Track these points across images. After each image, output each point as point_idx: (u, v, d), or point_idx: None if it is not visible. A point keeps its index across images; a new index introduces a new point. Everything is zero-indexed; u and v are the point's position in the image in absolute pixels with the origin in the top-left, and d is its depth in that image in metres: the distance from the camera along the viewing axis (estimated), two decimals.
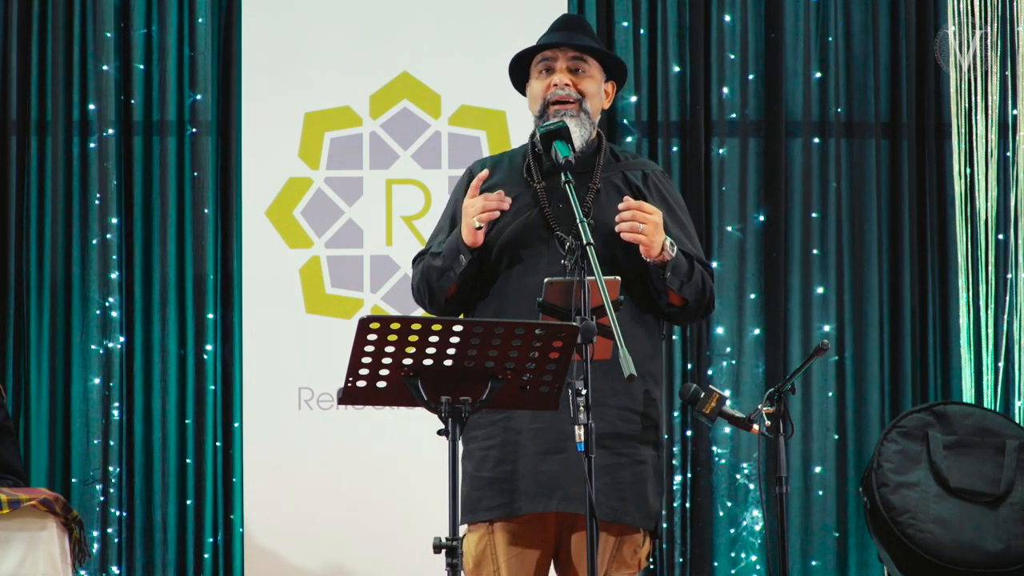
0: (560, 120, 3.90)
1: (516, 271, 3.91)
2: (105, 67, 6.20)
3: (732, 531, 6.25)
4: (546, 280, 3.65)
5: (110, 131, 6.19)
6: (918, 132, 6.35)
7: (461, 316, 4.04)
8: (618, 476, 3.85)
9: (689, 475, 6.23)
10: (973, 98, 6.24)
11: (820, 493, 6.26)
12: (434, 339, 3.34)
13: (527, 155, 4.04)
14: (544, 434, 3.84)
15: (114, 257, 6.17)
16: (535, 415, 3.82)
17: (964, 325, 6.20)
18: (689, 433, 6.25)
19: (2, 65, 6.20)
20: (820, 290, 6.32)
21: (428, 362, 3.36)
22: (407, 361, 3.36)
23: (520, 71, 4.09)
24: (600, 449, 3.57)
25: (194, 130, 6.23)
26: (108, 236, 6.17)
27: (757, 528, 6.23)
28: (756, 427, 4.02)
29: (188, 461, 6.14)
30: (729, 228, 6.33)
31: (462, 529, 3.56)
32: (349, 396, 3.43)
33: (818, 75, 6.38)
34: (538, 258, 3.91)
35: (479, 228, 3.84)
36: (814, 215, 6.35)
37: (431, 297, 3.99)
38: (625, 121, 6.32)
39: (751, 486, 6.22)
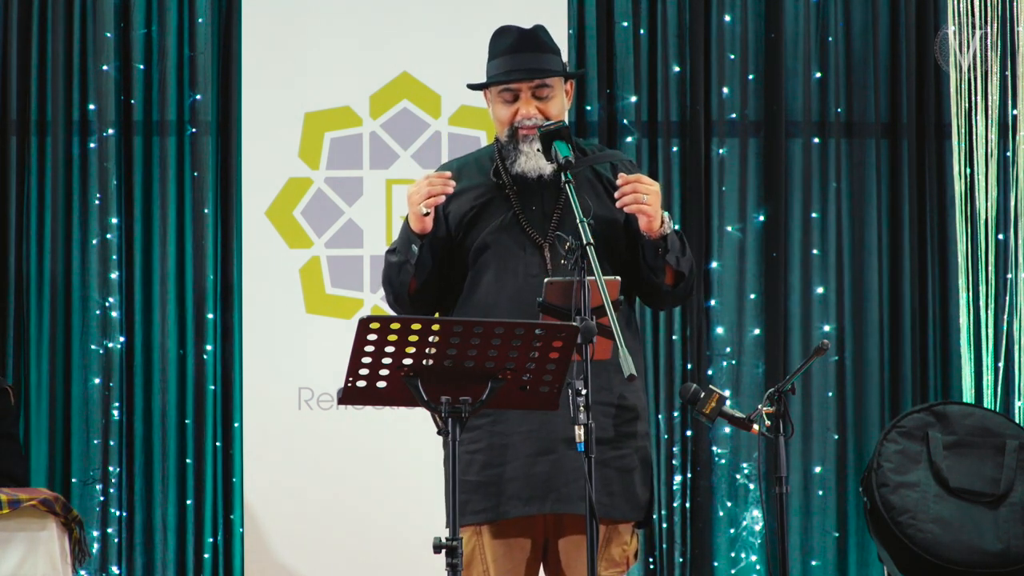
0: (560, 120, 3.90)
1: (492, 274, 3.91)
2: (105, 67, 6.20)
3: (732, 531, 6.24)
4: (546, 280, 3.65)
5: (110, 131, 6.19)
6: (918, 132, 6.35)
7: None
8: (606, 472, 3.85)
9: (689, 475, 6.23)
10: (973, 98, 6.24)
11: (820, 493, 6.25)
12: (434, 339, 3.34)
13: (494, 158, 4.03)
14: (534, 436, 3.83)
15: (114, 257, 6.17)
16: (524, 417, 3.82)
17: (964, 325, 6.19)
18: (689, 433, 6.24)
19: (2, 65, 6.20)
20: (820, 290, 6.32)
21: (428, 362, 3.36)
22: (407, 361, 3.36)
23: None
24: None
25: (194, 130, 6.23)
26: (108, 236, 6.17)
27: (757, 528, 6.22)
28: (756, 427, 4.02)
29: (188, 461, 6.13)
30: (729, 228, 6.33)
31: None
32: (349, 396, 3.43)
33: (818, 75, 6.38)
34: (515, 261, 3.90)
35: (426, 214, 3.82)
36: (814, 215, 6.34)
37: (395, 296, 3.97)
38: (625, 121, 6.32)
39: (751, 486, 6.22)
